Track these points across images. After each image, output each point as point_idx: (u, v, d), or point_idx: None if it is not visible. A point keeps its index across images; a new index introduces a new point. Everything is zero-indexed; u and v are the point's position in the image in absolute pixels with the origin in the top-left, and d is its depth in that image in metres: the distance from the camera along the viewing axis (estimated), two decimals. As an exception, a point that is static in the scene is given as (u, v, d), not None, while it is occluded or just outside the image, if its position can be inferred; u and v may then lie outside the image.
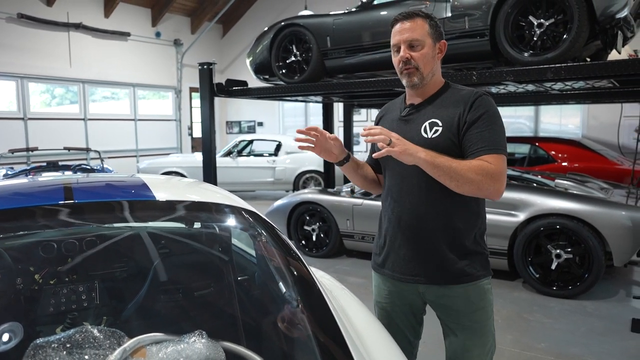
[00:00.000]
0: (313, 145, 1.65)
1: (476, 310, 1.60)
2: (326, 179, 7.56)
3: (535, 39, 3.58)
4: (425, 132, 1.57)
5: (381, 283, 1.76)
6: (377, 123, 1.79)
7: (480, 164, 1.47)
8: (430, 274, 1.61)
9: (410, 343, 1.77)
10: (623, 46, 3.70)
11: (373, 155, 1.48)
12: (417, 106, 1.65)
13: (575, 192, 4.10)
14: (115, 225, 1.75)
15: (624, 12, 3.32)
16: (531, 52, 3.61)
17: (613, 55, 3.82)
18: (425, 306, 1.73)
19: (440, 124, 1.56)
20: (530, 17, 3.58)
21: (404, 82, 1.63)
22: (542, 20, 3.54)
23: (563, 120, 9.48)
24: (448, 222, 1.58)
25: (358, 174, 1.78)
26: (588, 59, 3.93)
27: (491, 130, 1.51)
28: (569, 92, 5.32)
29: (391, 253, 1.68)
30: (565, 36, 3.45)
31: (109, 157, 9.74)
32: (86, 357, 1.11)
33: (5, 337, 1.29)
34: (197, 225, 1.89)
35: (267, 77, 5.27)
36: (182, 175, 8.73)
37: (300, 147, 1.69)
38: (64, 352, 1.11)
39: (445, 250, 1.58)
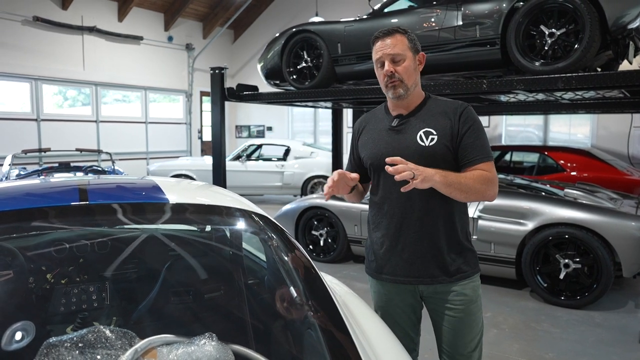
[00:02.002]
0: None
1: (470, 303, 1.74)
2: (334, 184, 7.55)
3: (546, 48, 3.59)
4: (422, 140, 1.68)
5: (381, 288, 1.83)
6: (359, 134, 1.87)
7: (480, 173, 1.63)
8: (432, 274, 1.71)
9: (413, 340, 1.86)
10: (634, 57, 3.69)
11: (401, 189, 1.56)
12: (406, 116, 1.74)
13: (584, 201, 4.08)
14: (128, 226, 1.75)
15: (636, 23, 3.32)
16: (542, 61, 3.62)
17: (624, 66, 3.81)
18: (422, 302, 1.83)
19: (435, 132, 1.68)
20: (542, 27, 3.59)
21: (389, 94, 1.73)
22: (553, 29, 3.55)
23: (572, 130, 9.42)
24: (447, 223, 1.71)
25: (356, 195, 1.88)
26: (599, 69, 3.93)
27: (480, 139, 1.68)
28: (579, 102, 5.30)
29: (392, 257, 1.75)
30: (576, 46, 3.46)
31: (120, 159, 9.83)
32: (98, 357, 1.12)
33: (18, 335, 1.30)
34: (208, 228, 1.90)
35: (277, 82, 5.31)
36: (191, 178, 8.78)
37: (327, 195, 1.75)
38: (77, 352, 1.12)
39: (445, 250, 1.71)
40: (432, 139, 1.67)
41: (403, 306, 1.80)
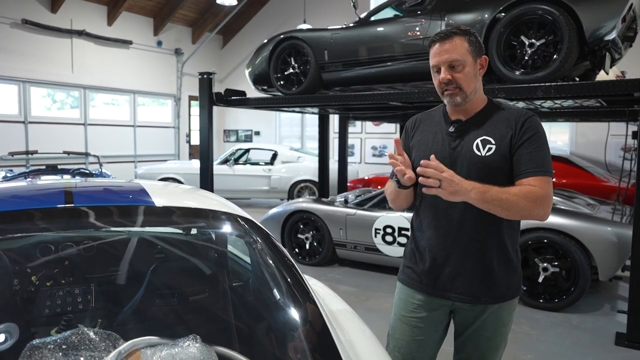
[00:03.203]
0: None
1: (502, 327, 1.64)
2: (320, 188, 7.62)
3: (526, 58, 3.67)
4: (479, 149, 1.56)
5: (409, 296, 1.71)
6: (413, 133, 1.74)
7: (528, 190, 1.46)
8: (473, 293, 1.60)
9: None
10: (611, 67, 3.79)
11: (423, 190, 1.45)
12: (465, 123, 1.61)
13: (562, 207, 4.17)
14: (114, 229, 1.76)
15: (612, 35, 3.42)
16: (522, 70, 3.69)
17: (601, 76, 3.92)
18: (450, 322, 1.72)
19: (493, 142, 1.55)
20: (522, 37, 3.67)
21: (445, 101, 1.61)
22: (533, 40, 3.63)
23: (552, 137, 9.61)
24: (499, 240, 1.58)
25: (410, 196, 1.70)
26: (577, 79, 4.03)
27: (540, 151, 1.52)
28: (558, 110, 5.41)
29: (433, 269, 1.64)
30: (555, 56, 3.54)
31: (108, 162, 9.78)
32: (81, 358, 1.13)
33: (1, 337, 1.30)
34: (193, 231, 1.92)
35: (265, 87, 5.36)
36: (179, 181, 8.77)
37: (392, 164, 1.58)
38: (60, 354, 1.12)
39: (496, 269, 1.58)
40: (490, 149, 1.54)
41: (429, 321, 1.68)
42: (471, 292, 1.59)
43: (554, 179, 6.19)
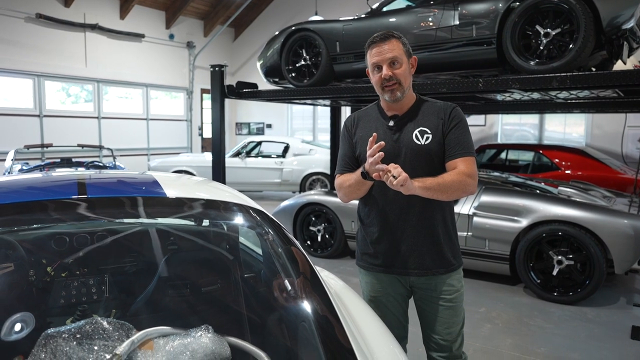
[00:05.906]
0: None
1: (456, 293, 1.85)
2: (332, 181, 7.61)
3: (541, 48, 3.61)
4: (418, 139, 1.78)
5: (373, 279, 1.91)
6: (354, 130, 1.89)
7: (457, 171, 1.71)
8: (427, 266, 1.81)
9: (404, 327, 1.97)
10: (629, 57, 3.71)
11: (387, 184, 1.57)
12: (402, 117, 1.83)
13: (578, 199, 4.12)
14: (126, 220, 1.78)
15: (630, 23, 3.35)
16: (537, 60, 3.64)
17: (618, 66, 3.84)
18: (411, 291, 1.92)
19: (429, 132, 1.78)
20: (537, 27, 3.62)
21: (386, 97, 1.78)
22: (548, 29, 3.58)
23: (567, 129, 9.47)
24: (442, 217, 1.82)
25: (365, 189, 1.84)
26: (593, 69, 3.96)
27: (464, 136, 1.77)
28: (573, 101, 5.33)
29: (389, 250, 1.84)
30: (571, 46, 3.48)
31: (121, 155, 9.87)
32: (95, 347, 1.15)
33: (18, 326, 1.33)
34: (205, 222, 1.93)
35: (277, 80, 5.35)
36: (191, 174, 8.83)
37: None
38: (74, 343, 1.15)
39: (442, 242, 1.82)
40: (428, 138, 1.76)
41: (395, 295, 1.90)
42: (425, 265, 1.80)
43: (568, 171, 6.20)
